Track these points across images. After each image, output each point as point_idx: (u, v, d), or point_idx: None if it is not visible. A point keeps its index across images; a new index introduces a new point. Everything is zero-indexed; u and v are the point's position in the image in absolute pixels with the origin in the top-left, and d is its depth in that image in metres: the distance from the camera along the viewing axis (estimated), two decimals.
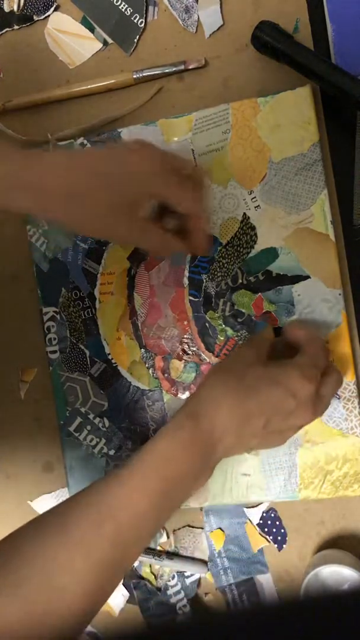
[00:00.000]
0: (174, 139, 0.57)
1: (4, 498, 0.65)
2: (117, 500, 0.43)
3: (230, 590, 0.61)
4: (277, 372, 0.47)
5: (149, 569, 0.62)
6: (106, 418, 0.60)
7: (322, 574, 0.54)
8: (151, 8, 0.59)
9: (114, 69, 0.60)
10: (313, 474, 0.56)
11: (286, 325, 0.54)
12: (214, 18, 0.57)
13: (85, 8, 0.60)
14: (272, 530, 0.59)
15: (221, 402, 0.46)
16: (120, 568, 0.44)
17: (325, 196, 0.54)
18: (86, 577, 0.41)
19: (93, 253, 0.60)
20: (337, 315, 0.55)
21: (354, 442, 0.55)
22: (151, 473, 0.44)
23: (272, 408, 0.46)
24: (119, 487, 0.44)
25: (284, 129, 0.55)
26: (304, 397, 0.47)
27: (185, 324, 0.58)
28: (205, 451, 0.45)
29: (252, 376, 0.47)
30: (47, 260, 0.61)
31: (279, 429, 0.47)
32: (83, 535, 0.42)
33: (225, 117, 0.56)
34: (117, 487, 0.44)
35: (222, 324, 0.57)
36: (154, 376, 0.59)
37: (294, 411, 0.47)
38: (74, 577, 0.41)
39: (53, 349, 0.61)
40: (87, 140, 0.59)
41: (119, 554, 0.42)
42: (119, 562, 0.43)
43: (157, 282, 0.59)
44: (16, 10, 0.61)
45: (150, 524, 0.44)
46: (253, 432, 0.46)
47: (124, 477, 0.44)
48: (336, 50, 0.54)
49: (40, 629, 0.40)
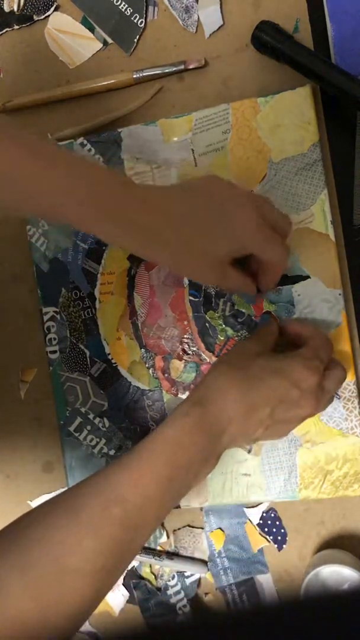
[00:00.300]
0: (174, 139, 0.57)
1: (4, 498, 0.65)
2: (125, 484, 0.44)
3: (230, 590, 0.61)
4: (282, 364, 0.48)
5: (149, 569, 0.62)
6: (106, 418, 0.60)
7: (322, 574, 0.54)
8: (151, 8, 0.59)
9: (114, 69, 0.60)
10: (313, 474, 0.56)
11: (286, 322, 0.54)
12: (214, 18, 0.57)
13: (85, 8, 0.60)
14: (272, 530, 0.59)
15: (227, 391, 0.47)
16: (129, 551, 0.44)
17: (325, 196, 0.54)
18: (95, 559, 0.41)
19: (93, 253, 0.60)
20: (337, 315, 0.55)
21: (354, 442, 0.55)
22: (159, 458, 0.45)
23: (276, 398, 0.47)
24: (127, 471, 0.44)
25: (284, 129, 0.55)
26: (308, 388, 0.48)
27: (185, 324, 0.58)
28: (211, 438, 0.46)
29: (257, 367, 0.48)
30: (47, 260, 0.61)
31: (283, 419, 0.48)
32: (92, 518, 0.42)
33: (225, 117, 0.56)
34: (125, 471, 0.44)
35: (222, 324, 0.57)
36: (154, 376, 0.59)
37: (297, 401, 0.48)
38: (83, 560, 0.41)
39: (53, 349, 0.61)
40: (87, 140, 0.59)
41: (128, 536, 0.43)
42: (128, 545, 0.44)
43: (157, 282, 0.59)
44: (16, 10, 0.61)
45: (157, 508, 0.45)
46: (258, 422, 0.47)
47: (132, 462, 0.45)
48: (336, 50, 0.54)
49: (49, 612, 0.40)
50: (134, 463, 0.45)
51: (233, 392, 0.47)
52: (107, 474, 0.45)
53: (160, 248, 0.47)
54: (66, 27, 0.61)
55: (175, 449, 0.45)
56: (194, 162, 0.57)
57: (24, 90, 0.62)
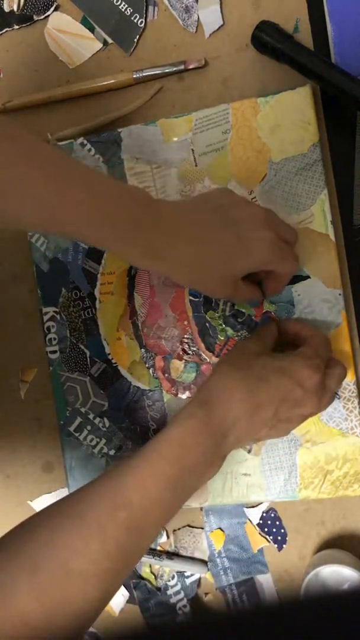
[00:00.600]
0: (174, 139, 0.57)
1: (4, 498, 0.65)
2: (131, 486, 0.44)
3: (230, 590, 0.61)
4: (284, 363, 0.49)
5: (149, 569, 0.62)
6: (106, 418, 0.60)
7: (322, 574, 0.54)
8: (151, 8, 0.59)
9: (114, 69, 0.60)
10: (313, 473, 0.56)
11: (285, 322, 0.55)
12: (214, 18, 0.57)
13: (85, 8, 0.60)
14: (272, 530, 0.59)
15: (232, 392, 0.47)
16: (135, 553, 0.45)
17: (325, 196, 0.54)
18: (102, 562, 0.42)
19: (93, 253, 0.60)
20: (337, 315, 0.55)
21: (354, 442, 0.55)
22: (164, 460, 0.45)
23: (280, 398, 0.47)
24: (133, 474, 0.44)
25: (284, 129, 0.55)
26: (311, 386, 0.48)
27: (185, 324, 0.58)
28: (217, 439, 0.46)
29: (260, 367, 0.48)
30: (47, 260, 0.61)
31: (286, 418, 0.48)
32: (98, 521, 0.42)
33: (225, 117, 0.56)
34: (131, 474, 0.44)
35: (222, 323, 0.57)
36: (154, 376, 0.59)
37: (300, 400, 0.48)
38: (89, 563, 0.41)
39: (53, 349, 0.61)
40: (87, 140, 0.59)
41: (134, 538, 0.43)
42: (134, 547, 0.44)
43: (157, 282, 0.59)
44: (16, 10, 0.61)
45: (163, 510, 0.45)
46: (262, 422, 0.47)
47: (138, 464, 0.45)
48: (336, 50, 0.54)
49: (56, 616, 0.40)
50: (139, 465, 0.45)
51: (237, 392, 0.47)
52: (113, 477, 0.45)
53: (177, 268, 0.48)
54: (66, 27, 0.61)
55: (180, 451, 0.45)
56: (194, 162, 0.57)
57: (24, 90, 0.62)
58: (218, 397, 0.47)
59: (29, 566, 0.41)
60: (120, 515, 0.42)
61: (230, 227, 0.48)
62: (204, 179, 0.57)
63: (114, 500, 0.43)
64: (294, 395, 0.48)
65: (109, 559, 0.42)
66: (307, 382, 0.48)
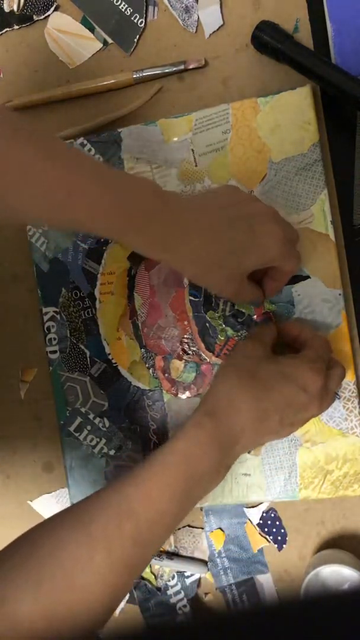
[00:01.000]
0: (174, 139, 0.57)
1: (4, 498, 0.65)
2: (137, 498, 0.44)
3: (230, 590, 0.61)
4: (289, 368, 0.49)
5: (149, 569, 0.62)
6: (106, 418, 0.60)
7: (322, 574, 0.54)
8: (151, 8, 0.59)
9: (114, 69, 0.60)
10: (313, 473, 0.56)
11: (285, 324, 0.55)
12: (214, 18, 0.57)
13: (85, 8, 0.60)
14: (272, 530, 0.59)
15: (239, 401, 0.47)
16: (140, 565, 0.44)
17: (325, 196, 0.54)
18: (107, 575, 0.41)
19: (93, 253, 0.60)
20: (337, 315, 0.55)
21: (354, 442, 0.55)
22: (171, 471, 0.44)
23: (285, 404, 0.47)
24: (139, 485, 0.44)
25: (284, 129, 0.55)
26: (314, 391, 0.48)
27: (185, 324, 0.58)
28: (224, 449, 0.46)
29: (265, 372, 0.48)
30: (47, 260, 0.61)
31: (290, 422, 0.49)
32: (104, 533, 0.42)
33: (225, 117, 0.56)
34: (136, 485, 0.44)
35: (222, 324, 0.57)
36: (154, 376, 0.59)
37: (305, 405, 0.48)
38: (94, 575, 0.41)
39: (53, 349, 0.61)
40: (87, 140, 0.59)
41: (139, 551, 0.43)
42: (139, 559, 0.44)
43: (157, 282, 0.59)
44: (16, 10, 0.61)
45: (169, 521, 0.45)
46: (269, 429, 0.48)
47: (144, 475, 0.45)
48: (336, 50, 0.54)
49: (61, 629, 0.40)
50: (145, 476, 0.44)
51: (245, 401, 0.47)
52: (118, 488, 0.45)
53: (186, 261, 0.48)
54: (66, 27, 0.61)
55: (187, 462, 0.45)
56: (194, 162, 0.57)
57: (24, 90, 0.62)
58: (225, 407, 0.47)
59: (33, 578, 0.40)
60: (126, 527, 0.42)
61: (241, 222, 0.48)
62: (204, 179, 0.57)
63: (120, 512, 0.43)
64: (298, 401, 0.48)
65: (114, 573, 0.41)
66: (311, 387, 0.48)
